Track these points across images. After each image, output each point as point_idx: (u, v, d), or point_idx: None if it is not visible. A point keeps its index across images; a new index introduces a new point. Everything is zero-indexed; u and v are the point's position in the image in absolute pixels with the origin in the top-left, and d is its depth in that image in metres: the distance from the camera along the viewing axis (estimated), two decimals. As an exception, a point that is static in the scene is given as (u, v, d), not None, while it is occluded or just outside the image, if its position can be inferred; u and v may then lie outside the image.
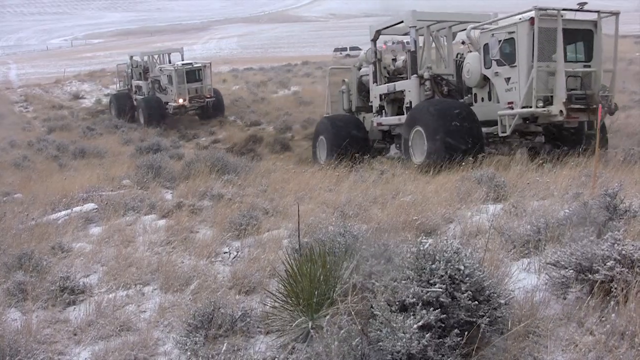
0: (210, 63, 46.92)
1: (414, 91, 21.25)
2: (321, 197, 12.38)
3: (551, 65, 17.16)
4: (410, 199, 11.05)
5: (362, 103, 26.41)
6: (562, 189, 10.85)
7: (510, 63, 17.97)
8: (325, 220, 9.29)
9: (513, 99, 17.89)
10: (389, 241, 6.45)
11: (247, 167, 17.46)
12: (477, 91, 20.09)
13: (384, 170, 16.38)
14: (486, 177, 12.02)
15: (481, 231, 8.39)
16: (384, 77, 24.14)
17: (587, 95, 17.47)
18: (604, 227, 7.10)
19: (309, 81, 58.88)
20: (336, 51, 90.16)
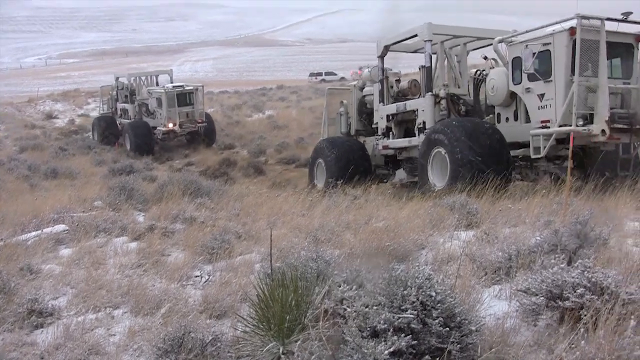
0: (202, 86, 45.23)
1: (429, 111, 19.86)
2: (294, 221, 12.35)
3: (591, 80, 15.68)
4: (383, 224, 11.04)
5: (362, 126, 25.18)
6: (534, 217, 10.90)
7: (545, 78, 16.51)
8: (298, 245, 9.27)
9: (548, 117, 16.48)
10: (361, 267, 6.45)
11: (220, 190, 17.39)
12: (501, 110, 18.66)
13: (357, 196, 16.38)
14: (459, 204, 12.05)
15: (453, 258, 8.39)
16: (390, 97, 22.82)
17: (630, 115, 16.10)
18: (574, 254, 7.15)
19: (284, 105, 59.15)
20: (311, 76, 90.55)
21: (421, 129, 19.95)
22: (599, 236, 7.61)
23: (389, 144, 22.13)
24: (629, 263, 6.85)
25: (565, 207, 10.66)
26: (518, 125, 17.86)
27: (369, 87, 24.64)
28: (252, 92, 72.24)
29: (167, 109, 41.88)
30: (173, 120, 41.79)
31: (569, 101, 15.62)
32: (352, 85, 26.86)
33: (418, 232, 10.19)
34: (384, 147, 22.38)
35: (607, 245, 7.66)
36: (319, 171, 23.94)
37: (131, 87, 47.24)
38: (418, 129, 20.25)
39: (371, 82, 24.24)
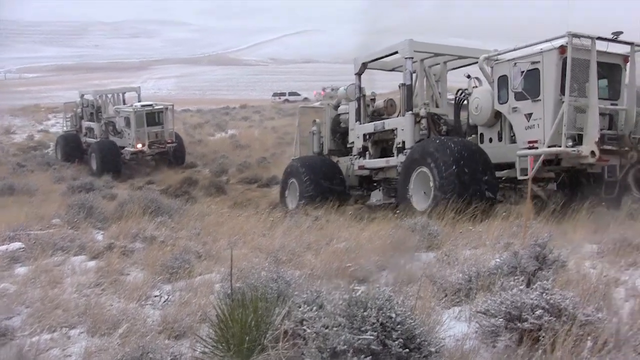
0: (172, 105, 43.67)
1: (408, 130, 19.43)
2: (255, 241, 12.30)
3: (580, 100, 15.41)
4: (344, 245, 11.05)
5: (335, 145, 24.65)
6: (494, 239, 10.97)
7: (533, 97, 16.10)
8: (259, 265, 9.21)
9: (536, 137, 16.05)
10: (321, 288, 6.44)
11: (181, 209, 17.29)
12: (484, 130, 18.26)
13: (319, 217, 16.38)
14: (420, 225, 12.09)
15: (413, 279, 8.41)
16: (367, 116, 22.38)
17: (619, 136, 16.09)
18: (533, 276, 7.20)
19: (247, 125, 59.15)
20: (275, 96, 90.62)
21: (400, 149, 19.69)
22: (558, 258, 7.67)
23: (365, 164, 21.75)
24: (586, 285, 6.91)
25: (525, 230, 10.74)
26: (502, 145, 17.63)
27: (344, 105, 24.30)
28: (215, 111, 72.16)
29: (135, 129, 40.69)
30: (142, 141, 40.65)
31: (558, 121, 15.36)
32: (325, 104, 26.41)
33: (379, 253, 10.20)
34: (360, 167, 21.99)
35: (566, 268, 7.73)
36: (291, 191, 23.40)
37: (97, 105, 45.76)
38: (397, 149, 19.94)
39: (347, 100, 23.93)
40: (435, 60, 21.60)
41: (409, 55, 19.45)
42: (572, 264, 8.17)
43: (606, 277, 7.49)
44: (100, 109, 45.47)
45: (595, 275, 7.58)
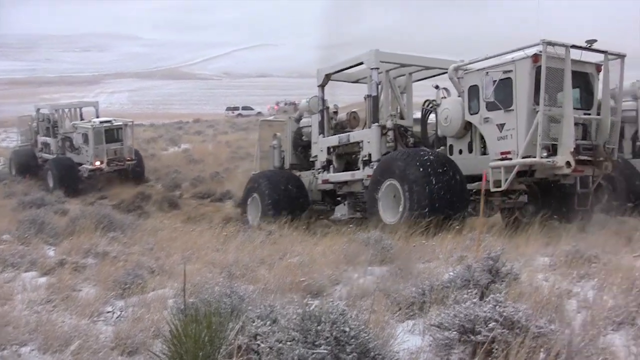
0: (132, 121, 42.39)
1: (375, 142, 18.97)
2: (208, 256, 12.24)
3: (554, 110, 15.22)
4: (298, 260, 11.04)
5: (297, 159, 24.22)
6: (447, 252, 11.04)
7: (505, 107, 15.79)
8: (212, 280, 9.16)
9: (509, 148, 15.73)
10: (275, 302, 6.42)
11: (134, 224, 17.18)
12: (454, 142, 17.93)
13: (272, 231, 16.34)
14: (373, 239, 12.11)
15: (367, 293, 8.41)
16: (330, 129, 21.81)
17: (593, 147, 15.85)
18: (486, 289, 7.24)
19: (200, 139, 58.91)
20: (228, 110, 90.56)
21: (366, 162, 19.29)
22: (511, 271, 7.73)
23: (329, 178, 21.30)
24: (539, 297, 6.98)
25: (478, 243, 10.82)
26: (473, 157, 17.32)
27: (306, 118, 23.78)
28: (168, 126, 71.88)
29: (94, 145, 39.33)
30: (100, 158, 39.24)
31: (533, 131, 15.09)
32: (287, 118, 26.15)
33: (332, 267, 10.22)
34: (324, 181, 21.57)
35: (518, 280, 7.80)
36: (252, 206, 22.86)
37: (53, 119, 44.11)
38: (363, 162, 19.50)
39: (309, 113, 23.52)
40: (400, 71, 21.51)
41: (375, 66, 19.15)
42: (524, 276, 8.25)
43: (558, 289, 7.57)
44: (56, 124, 43.96)
45: (547, 288, 7.66)
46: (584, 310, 6.92)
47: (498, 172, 15.81)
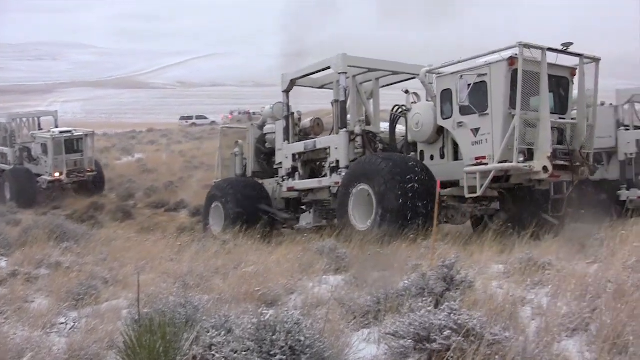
0: (93, 132, 41.80)
1: (343, 148, 18.51)
2: (162, 266, 12.19)
3: (530, 114, 14.87)
4: (253, 269, 11.01)
5: (259, 167, 23.75)
6: (402, 261, 11.05)
7: (480, 111, 15.36)
8: (166, 290, 9.11)
9: (484, 153, 15.25)
10: (230, 312, 6.38)
11: (88, 235, 17.01)
12: (425, 148, 17.47)
13: (227, 240, 16.26)
14: (328, 248, 12.12)
15: (322, 302, 8.41)
16: (295, 135, 21.37)
17: (570, 151, 15.52)
18: (441, 297, 7.26)
19: (154, 149, 58.60)
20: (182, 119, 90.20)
21: (334, 168, 18.83)
22: (465, 279, 7.74)
23: (295, 186, 20.77)
24: (493, 305, 7.01)
25: (433, 251, 10.85)
26: (445, 163, 16.93)
27: (270, 124, 23.43)
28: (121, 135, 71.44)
29: (53, 156, 38.33)
30: (60, 169, 38.29)
31: (509, 136, 14.69)
32: (249, 124, 25.82)
33: (287, 276, 10.20)
34: (289, 188, 21.01)
35: (473, 288, 7.82)
36: (215, 215, 22.37)
37: (10, 129, 42.72)
38: (330, 168, 19.02)
39: (273, 119, 23.03)
40: (367, 76, 21.18)
41: (343, 70, 18.75)
42: (479, 284, 8.27)
43: (512, 297, 7.61)
44: (14, 134, 42.69)
45: (502, 295, 7.69)
46: (538, 317, 6.96)
47: (473, 177, 15.45)
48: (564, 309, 6.87)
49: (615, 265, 8.80)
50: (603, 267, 9.10)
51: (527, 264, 9.85)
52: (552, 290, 8.09)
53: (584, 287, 7.64)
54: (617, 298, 6.92)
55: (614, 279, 7.75)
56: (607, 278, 7.84)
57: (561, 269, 9.36)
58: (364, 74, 20.97)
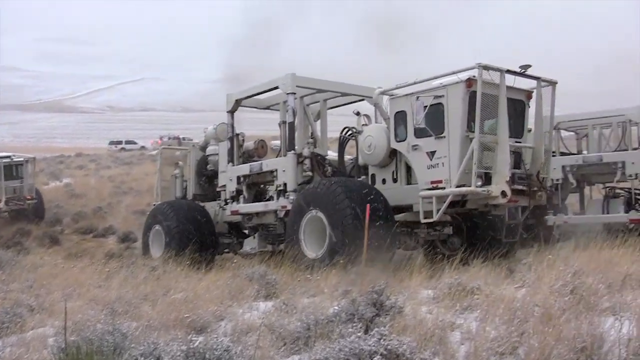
0: (34, 157, 39.56)
1: (291, 171, 17.76)
2: (90, 293, 12.00)
3: (488, 137, 14.47)
4: (182, 295, 10.93)
5: (201, 190, 22.93)
6: (332, 287, 11.07)
7: (437, 133, 14.92)
8: (94, 317, 8.97)
9: (440, 177, 14.80)
10: (159, 339, 6.31)
11: (13, 261, 16.68)
12: (376, 171, 16.91)
13: (156, 267, 16.10)
14: (258, 274, 12.08)
15: (252, 328, 8.37)
16: (240, 157, 20.49)
17: (527, 176, 15.34)
18: (371, 323, 7.28)
19: (82, 173, 57.78)
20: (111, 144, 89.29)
21: (281, 192, 18.03)
22: (395, 304, 7.79)
23: (239, 209, 19.84)
24: (423, 330, 7.06)
25: (363, 277, 10.88)
26: (398, 187, 16.37)
27: (213, 146, 22.41)
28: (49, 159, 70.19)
29: None
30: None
31: (467, 159, 14.23)
32: (191, 145, 24.72)
33: (217, 303, 10.14)
34: (233, 212, 20.12)
35: (403, 313, 7.87)
36: (155, 239, 21.38)
37: None
38: (277, 192, 18.24)
39: (216, 140, 22.19)
40: (314, 97, 20.64)
41: (292, 91, 18.05)
42: (408, 309, 8.33)
43: (442, 321, 7.66)
44: None
45: (431, 320, 7.74)
46: (467, 341, 7.03)
47: (429, 202, 14.92)
48: (492, 333, 6.94)
49: (542, 289, 8.93)
50: (531, 291, 9.24)
51: (456, 289, 9.92)
52: (480, 315, 8.16)
53: (512, 311, 7.74)
54: (545, 322, 7.03)
55: (541, 303, 7.87)
56: (535, 302, 7.96)
57: (490, 293, 9.46)
58: (311, 95, 20.40)
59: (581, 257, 11.67)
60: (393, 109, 16.26)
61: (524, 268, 12.12)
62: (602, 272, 9.90)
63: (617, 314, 7.50)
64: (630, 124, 22.38)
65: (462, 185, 14.36)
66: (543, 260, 11.96)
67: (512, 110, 15.15)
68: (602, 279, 9.20)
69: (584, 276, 9.27)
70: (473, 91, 14.44)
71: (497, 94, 14.52)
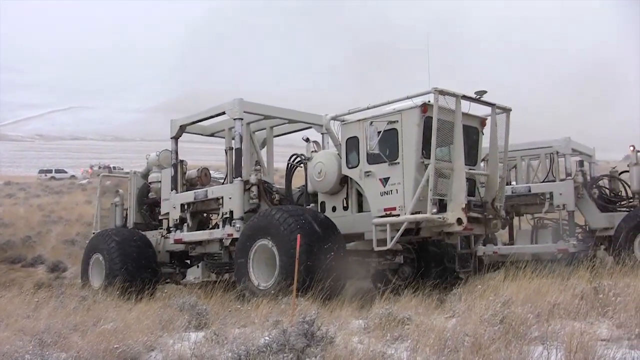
0: None
1: (237, 198, 17.23)
2: (18, 323, 11.75)
3: (442, 163, 14.28)
4: (112, 326, 10.78)
5: (142, 218, 22.33)
6: (263, 317, 11.06)
7: (391, 160, 14.67)
8: (22, 348, 8.80)
9: (394, 204, 14.51)
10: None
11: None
12: (326, 199, 16.60)
13: (86, 297, 15.87)
14: (188, 304, 12.00)
15: (183, 359, 8.29)
16: (183, 185, 19.98)
17: (483, 203, 15.14)
18: (302, 353, 7.28)
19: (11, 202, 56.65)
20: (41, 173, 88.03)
21: (227, 220, 17.49)
22: (326, 335, 7.80)
23: (183, 237, 19.27)
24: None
25: (293, 307, 10.89)
26: (349, 214, 16.04)
27: (155, 173, 21.74)
28: (-24, 188, 68.85)
29: None
30: None
31: (422, 186, 14.02)
32: (132, 172, 24.10)
33: (147, 333, 10.05)
34: (177, 240, 19.52)
35: (334, 344, 7.88)
36: (95, 268, 20.49)
37: None
38: (223, 220, 17.71)
39: (159, 167, 21.63)
40: (260, 124, 20.44)
41: (239, 116, 17.56)
42: (339, 339, 8.35)
43: (373, 352, 7.72)
44: None
45: (362, 350, 7.79)
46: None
47: (382, 230, 14.66)
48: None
49: (472, 318, 9.06)
50: (461, 321, 9.36)
51: (387, 319, 9.99)
52: (411, 345, 8.24)
53: (442, 341, 7.83)
54: (475, 351, 7.13)
55: (471, 332, 7.98)
56: (465, 332, 8.07)
57: (420, 323, 9.54)
58: (257, 122, 20.17)
59: (510, 287, 11.86)
60: (345, 134, 16.03)
61: (454, 298, 12.27)
62: (531, 302, 10.08)
63: (546, 343, 7.63)
64: (558, 156, 22.96)
65: (417, 213, 14.12)
66: (473, 290, 12.14)
67: (466, 137, 14.92)
68: (531, 309, 9.38)
69: (513, 306, 9.44)
70: (428, 116, 14.30)
71: (452, 119, 14.46)
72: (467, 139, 15.05)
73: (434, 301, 12.86)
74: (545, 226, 23.59)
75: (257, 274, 15.51)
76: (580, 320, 9.20)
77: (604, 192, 23.16)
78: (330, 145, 17.79)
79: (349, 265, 15.25)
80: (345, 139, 15.94)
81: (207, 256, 19.09)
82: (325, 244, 14.48)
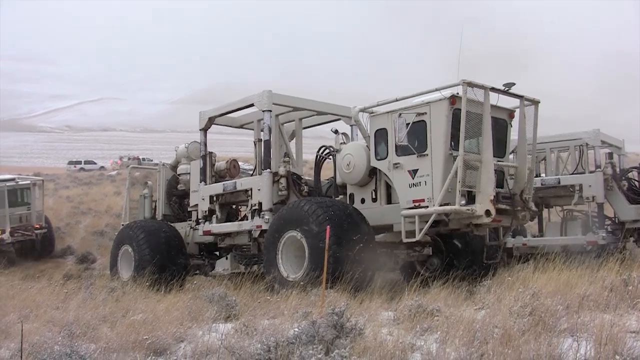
0: (42, 180, 35.67)
1: (266, 190, 17.13)
2: (48, 315, 11.85)
3: (471, 155, 14.10)
4: (141, 317, 10.82)
5: (170, 210, 22.37)
6: (292, 308, 11.03)
7: (419, 152, 14.49)
8: (51, 339, 8.85)
9: (422, 195, 14.34)
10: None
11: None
12: (355, 190, 16.40)
13: (115, 288, 15.94)
14: (218, 296, 11.99)
15: (212, 350, 8.32)
16: (212, 176, 19.81)
17: (511, 195, 15.01)
18: (331, 344, 7.27)
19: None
20: (70, 164, 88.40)
21: (255, 211, 17.37)
22: (355, 326, 7.78)
23: (212, 229, 19.10)
24: (383, 351, 7.08)
25: (323, 299, 10.87)
26: (377, 206, 15.83)
27: (184, 164, 21.92)
28: (6, 180, 69.42)
29: None
30: (1, 226, 30.93)
31: (451, 178, 13.81)
32: (160, 164, 24.08)
33: (177, 325, 10.06)
34: (206, 232, 19.33)
35: (363, 335, 7.87)
36: (125, 260, 20.52)
37: None
38: (252, 211, 17.57)
39: (187, 159, 21.78)
40: (289, 116, 20.25)
41: (268, 108, 17.43)
42: (369, 331, 8.32)
43: (402, 343, 7.69)
44: None
45: (391, 342, 7.76)
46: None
47: (411, 221, 14.46)
48: (452, 355, 6.97)
49: (501, 310, 9.00)
50: (490, 312, 9.30)
51: (416, 311, 9.96)
52: (441, 336, 8.19)
53: (472, 332, 7.79)
54: (504, 343, 7.08)
55: (500, 324, 7.92)
56: (494, 323, 8.02)
57: (450, 315, 9.50)
58: (286, 114, 19.97)
59: (540, 279, 11.78)
60: (373, 126, 15.84)
61: (483, 290, 12.19)
62: (561, 294, 10.01)
63: (575, 335, 7.57)
64: (587, 148, 22.76)
65: (446, 204, 13.91)
66: (502, 282, 12.07)
67: (494, 129, 14.72)
68: (561, 300, 9.30)
69: (542, 297, 9.35)
70: (457, 108, 14.14)
71: (480, 112, 14.29)
72: (496, 131, 14.81)
73: (463, 293, 12.78)
74: (575, 218, 23.40)
75: (286, 265, 15.36)
76: (610, 312, 9.13)
77: (633, 184, 22.93)
78: (359, 137, 17.51)
79: (378, 256, 15.06)
80: (374, 130, 15.77)
81: (236, 248, 19.08)
82: (354, 236, 14.30)
